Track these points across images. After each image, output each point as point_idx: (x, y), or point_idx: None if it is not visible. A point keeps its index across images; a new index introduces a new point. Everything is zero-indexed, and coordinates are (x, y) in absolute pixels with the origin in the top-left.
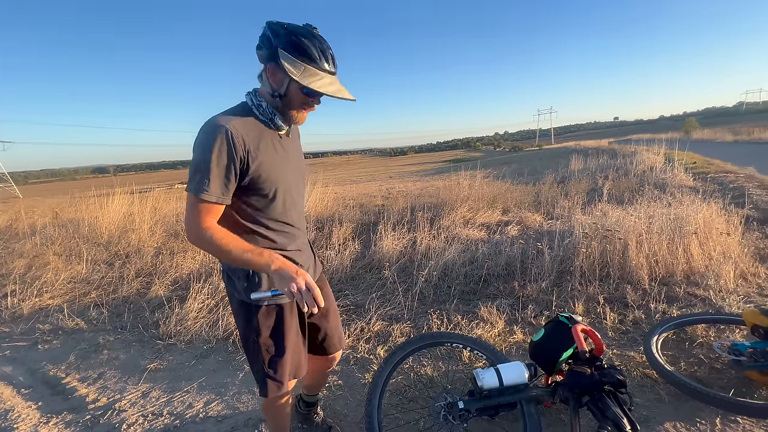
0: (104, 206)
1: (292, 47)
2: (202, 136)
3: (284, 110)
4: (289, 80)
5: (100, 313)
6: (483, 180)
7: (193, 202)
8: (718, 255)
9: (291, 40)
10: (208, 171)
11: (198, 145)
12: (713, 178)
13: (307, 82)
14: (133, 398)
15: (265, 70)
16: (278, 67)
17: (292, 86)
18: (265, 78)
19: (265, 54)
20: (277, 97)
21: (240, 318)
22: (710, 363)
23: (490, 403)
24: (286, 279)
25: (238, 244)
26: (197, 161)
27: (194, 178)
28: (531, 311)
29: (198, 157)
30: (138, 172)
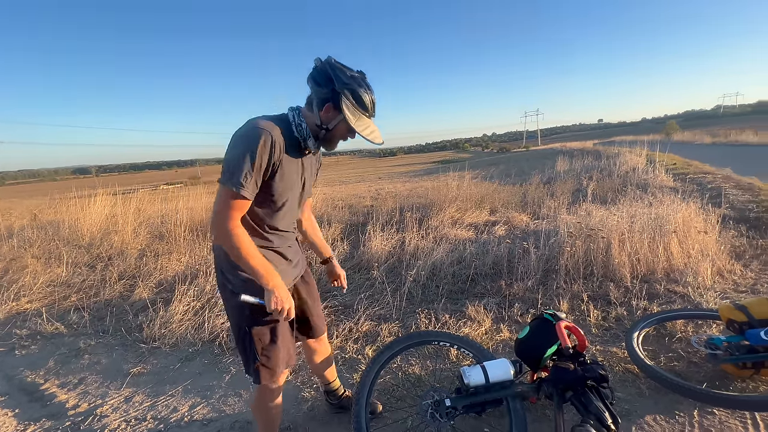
0: (86, 207)
1: (354, 98)
2: (245, 136)
3: (323, 140)
4: (340, 121)
5: (81, 316)
6: (471, 181)
7: (229, 196)
8: (697, 253)
9: (354, 90)
10: (248, 169)
11: (241, 144)
12: (692, 178)
13: (359, 129)
14: (115, 403)
15: (321, 105)
16: (335, 108)
17: (341, 126)
18: (316, 110)
19: (323, 92)
20: (323, 129)
21: (233, 308)
22: (688, 357)
23: (477, 400)
24: (273, 299)
25: (254, 253)
26: (238, 158)
27: (233, 173)
28: (517, 309)
29: (239, 153)
30: (121, 172)
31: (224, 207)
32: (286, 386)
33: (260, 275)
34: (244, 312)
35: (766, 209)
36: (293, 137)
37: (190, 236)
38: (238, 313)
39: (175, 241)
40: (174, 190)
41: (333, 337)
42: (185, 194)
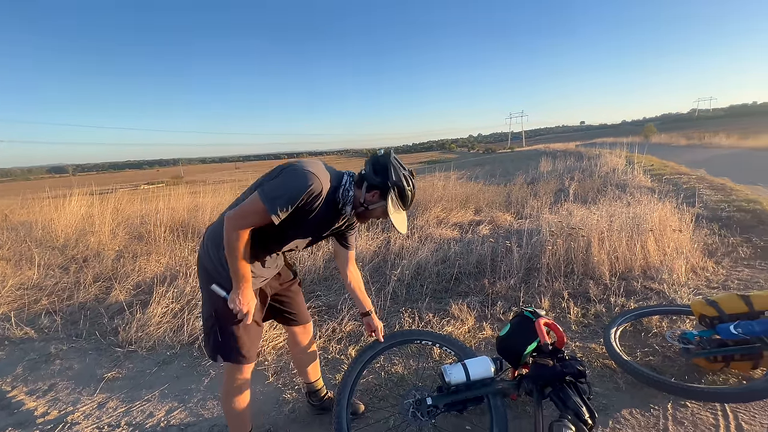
0: (60, 208)
1: (400, 194)
2: (303, 175)
3: (359, 211)
4: (380, 206)
5: (53, 320)
6: (457, 181)
7: (261, 211)
8: (672, 251)
9: (402, 188)
10: (289, 203)
11: (296, 178)
12: (668, 179)
13: (393, 219)
14: (87, 410)
15: (370, 189)
16: (381, 196)
17: (379, 210)
18: (364, 190)
19: (376, 180)
20: (363, 207)
21: (208, 291)
22: (663, 352)
23: (458, 398)
24: (236, 301)
25: (244, 260)
26: (289, 190)
27: (276, 198)
28: (500, 307)
29: (290, 190)
30: (100, 171)
31: (251, 215)
32: (267, 388)
33: (239, 278)
34: (218, 299)
35: (737, 209)
36: (335, 197)
37: (171, 237)
38: (216, 296)
39: (155, 242)
40: (155, 190)
41: (316, 338)
42: (167, 194)
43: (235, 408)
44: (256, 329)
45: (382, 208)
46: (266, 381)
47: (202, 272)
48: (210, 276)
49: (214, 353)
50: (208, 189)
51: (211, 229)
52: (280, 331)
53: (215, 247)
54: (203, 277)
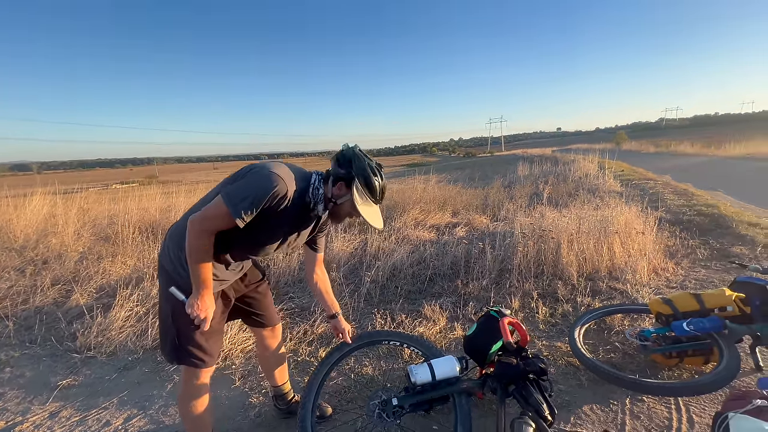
0: (20, 207)
1: (366, 183)
2: (267, 177)
3: (331, 209)
4: (347, 200)
5: (5, 326)
6: (437, 184)
7: (225, 218)
8: (636, 252)
9: (367, 177)
10: (253, 206)
11: (259, 181)
12: (636, 184)
13: (362, 211)
14: (38, 420)
15: (335, 182)
16: (347, 188)
17: (347, 204)
18: (330, 185)
19: (341, 172)
20: (332, 202)
21: (166, 292)
22: (623, 349)
23: (424, 398)
24: (194, 306)
25: (206, 264)
26: (254, 192)
27: (240, 202)
28: (471, 308)
29: (253, 189)
30: (68, 170)
31: (214, 219)
32: (233, 392)
33: (198, 284)
34: (176, 302)
35: (697, 213)
36: (305, 198)
37: (140, 238)
38: (174, 298)
39: (122, 243)
40: (127, 190)
41: (287, 340)
42: (139, 194)
43: (192, 413)
44: (217, 333)
45: (350, 202)
46: (233, 385)
47: (161, 272)
48: (170, 277)
49: (171, 356)
50: (182, 189)
51: (174, 229)
52: (249, 335)
53: (177, 247)
54: (162, 277)
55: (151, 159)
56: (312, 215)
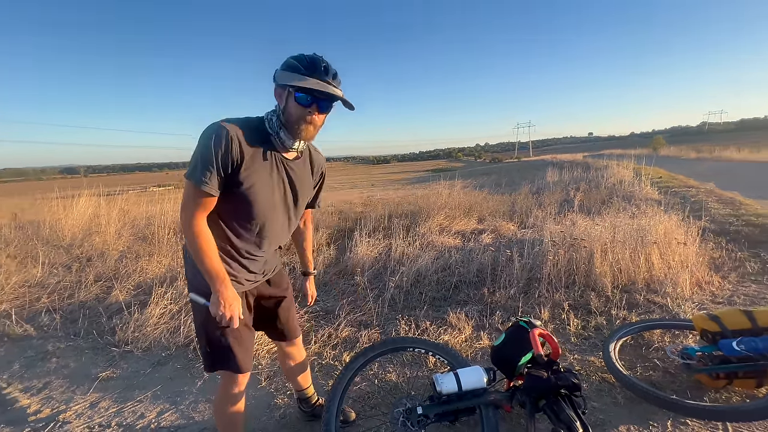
0: (68, 208)
1: (288, 66)
2: (205, 133)
3: (288, 124)
4: (286, 92)
5: (53, 319)
6: (462, 189)
7: (193, 192)
8: (676, 264)
9: (288, 61)
10: (209, 165)
11: (201, 140)
12: (676, 191)
13: (294, 83)
14: (79, 409)
15: (275, 95)
16: (278, 85)
17: (289, 97)
18: (276, 103)
19: (274, 80)
20: (282, 111)
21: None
22: (664, 367)
23: (449, 408)
24: (216, 304)
25: (212, 255)
26: (199, 154)
27: (195, 168)
28: (498, 317)
29: (200, 150)
30: (110, 173)
31: (189, 201)
32: (259, 392)
33: (211, 277)
34: (200, 308)
35: (745, 223)
36: (265, 134)
37: (174, 239)
38: (195, 308)
39: (158, 244)
40: (163, 192)
41: (311, 343)
42: (174, 196)
43: (227, 419)
44: (248, 335)
45: (289, 94)
46: (258, 385)
47: (187, 280)
48: (189, 283)
49: (205, 364)
50: None
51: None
52: None
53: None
54: (190, 288)
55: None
56: (288, 157)
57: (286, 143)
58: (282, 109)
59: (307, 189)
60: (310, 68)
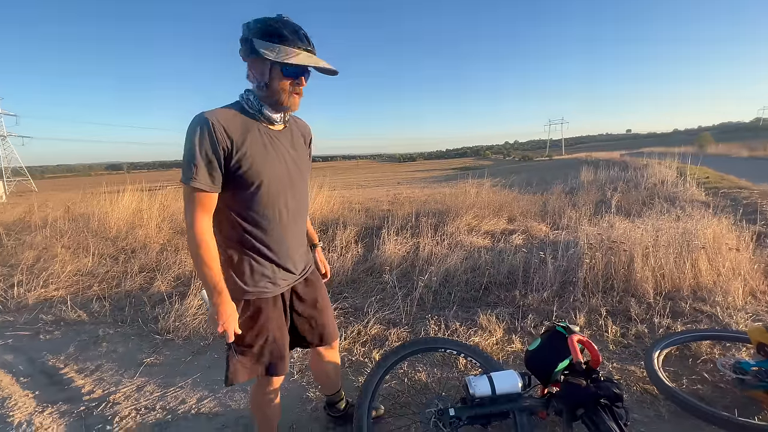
0: (114, 202)
1: (265, 34)
2: (188, 129)
3: (272, 99)
4: (269, 66)
5: (102, 306)
6: (490, 188)
7: (187, 192)
8: (727, 271)
9: (262, 28)
10: (194, 160)
11: (186, 138)
12: (726, 193)
13: (284, 59)
14: (127, 391)
15: (248, 66)
16: (257, 57)
17: (274, 71)
18: (250, 74)
19: (244, 50)
20: (263, 87)
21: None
22: (713, 381)
23: (482, 412)
24: (212, 318)
25: (211, 264)
26: (185, 152)
27: (186, 168)
28: (531, 321)
29: (185, 148)
30: (151, 170)
31: (187, 203)
32: (291, 385)
33: (209, 288)
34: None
35: None
36: (249, 115)
37: None
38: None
39: None
40: None
41: (341, 339)
42: None
43: (263, 416)
44: (283, 339)
45: (275, 68)
46: (291, 378)
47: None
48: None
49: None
50: None
51: None
52: None
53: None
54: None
55: None
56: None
57: (272, 118)
58: (264, 83)
59: (303, 156)
60: (293, 38)
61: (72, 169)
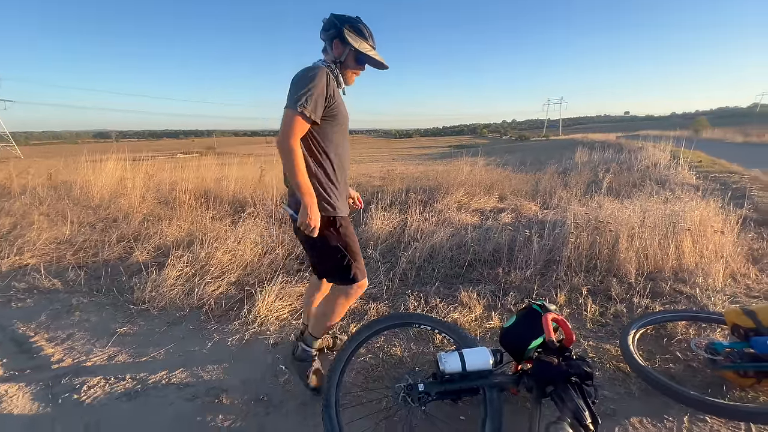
0: (98, 171)
1: (353, 29)
2: (307, 72)
3: (342, 72)
4: (347, 50)
5: (78, 275)
6: (484, 166)
7: (291, 116)
8: (710, 253)
9: (353, 24)
10: (310, 94)
11: (303, 77)
12: (716, 177)
13: (362, 49)
14: (98, 360)
15: (332, 44)
16: (342, 41)
17: (349, 55)
18: (330, 50)
19: (331, 34)
20: (338, 63)
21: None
22: (686, 360)
23: (451, 388)
24: (305, 214)
25: (304, 172)
26: (301, 86)
27: (297, 98)
28: (511, 298)
29: (303, 83)
30: (140, 139)
31: (288, 125)
32: (265, 357)
33: (303, 191)
34: (340, 230)
35: None
36: (334, 75)
37: (195, 203)
38: (336, 231)
39: (179, 208)
40: (189, 159)
41: None
42: (198, 164)
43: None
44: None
45: (351, 52)
46: (267, 349)
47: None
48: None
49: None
50: (235, 161)
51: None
52: (286, 303)
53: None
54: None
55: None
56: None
57: (340, 85)
58: (339, 61)
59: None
60: (370, 37)
61: (58, 136)
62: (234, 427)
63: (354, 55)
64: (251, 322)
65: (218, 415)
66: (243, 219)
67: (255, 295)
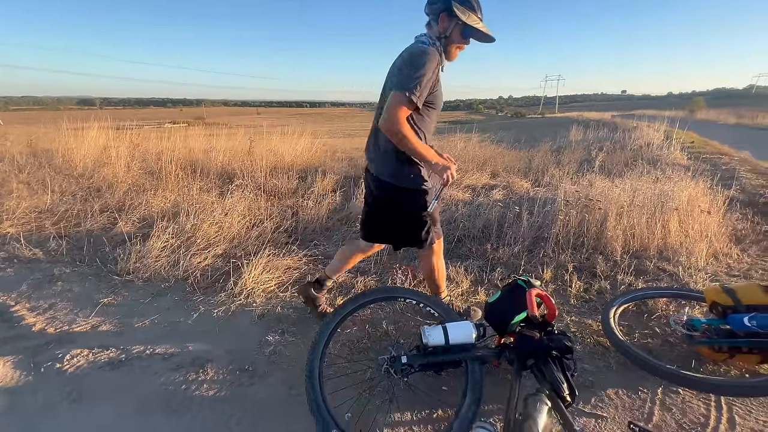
0: (80, 138)
1: (462, 2)
2: (422, 55)
3: (446, 47)
4: (454, 24)
5: (60, 244)
6: (478, 143)
7: (403, 99)
8: (695, 233)
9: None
10: (422, 79)
11: (417, 60)
12: (707, 158)
13: (470, 22)
14: (81, 330)
15: (437, 18)
16: (449, 15)
17: (455, 30)
18: (435, 25)
19: (439, 7)
20: (444, 38)
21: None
22: (664, 336)
23: (434, 360)
24: (441, 170)
25: (419, 140)
26: (415, 69)
27: (410, 82)
28: (498, 274)
29: (416, 66)
30: (126, 106)
31: (396, 107)
32: (252, 328)
33: (427, 157)
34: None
35: None
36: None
37: (182, 174)
38: (414, 203)
39: (165, 179)
40: (177, 129)
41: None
42: (186, 134)
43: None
44: None
45: (457, 26)
46: (253, 321)
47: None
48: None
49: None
50: (223, 132)
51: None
52: (273, 275)
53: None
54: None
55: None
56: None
57: (444, 60)
58: (445, 36)
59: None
60: (479, 8)
61: (39, 102)
62: (218, 396)
63: (461, 28)
64: (237, 294)
65: (203, 384)
66: (231, 191)
67: (242, 267)
